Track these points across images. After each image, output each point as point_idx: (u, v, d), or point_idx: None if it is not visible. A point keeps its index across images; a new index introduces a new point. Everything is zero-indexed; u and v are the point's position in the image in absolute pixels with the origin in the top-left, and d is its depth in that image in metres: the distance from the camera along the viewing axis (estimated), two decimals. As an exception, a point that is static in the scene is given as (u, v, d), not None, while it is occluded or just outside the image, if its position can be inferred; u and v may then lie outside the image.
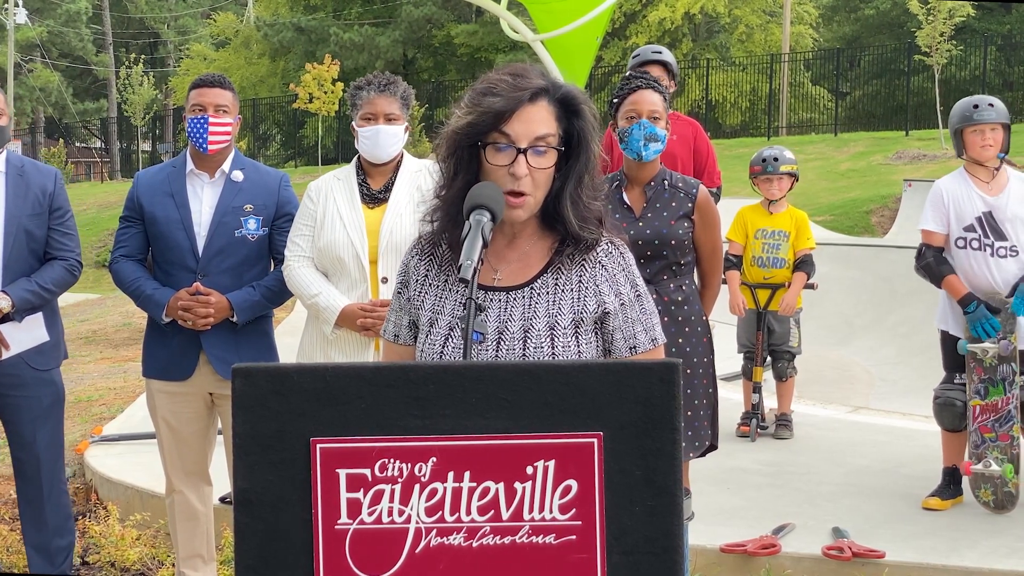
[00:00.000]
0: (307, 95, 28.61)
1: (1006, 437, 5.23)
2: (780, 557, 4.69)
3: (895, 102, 31.39)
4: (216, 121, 4.13)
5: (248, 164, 4.31)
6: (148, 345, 4.30)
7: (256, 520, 1.72)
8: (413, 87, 4.20)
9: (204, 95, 4.17)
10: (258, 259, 4.22)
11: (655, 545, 1.72)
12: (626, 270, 2.39)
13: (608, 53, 33.97)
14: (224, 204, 4.17)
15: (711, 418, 4.14)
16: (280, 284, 4.18)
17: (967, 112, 5.28)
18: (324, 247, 3.98)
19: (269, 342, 4.33)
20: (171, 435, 4.27)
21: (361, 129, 4.00)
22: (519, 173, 2.24)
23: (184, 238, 4.15)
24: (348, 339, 3.96)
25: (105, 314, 12.79)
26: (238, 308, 4.12)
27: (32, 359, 4.31)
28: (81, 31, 49.15)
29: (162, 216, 4.18)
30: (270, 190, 4.25)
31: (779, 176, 6.87)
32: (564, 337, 2.29)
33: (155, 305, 4.16)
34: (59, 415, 4.45)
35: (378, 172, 4.05)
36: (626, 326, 2.38)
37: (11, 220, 4.22)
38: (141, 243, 4.26)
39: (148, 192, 4.24)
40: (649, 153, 4.06)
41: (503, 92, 2.26)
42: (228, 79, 4.32)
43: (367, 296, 3.93)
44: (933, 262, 5.33)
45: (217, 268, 4.14)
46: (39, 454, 4.35)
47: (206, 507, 4.35)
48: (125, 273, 4.24)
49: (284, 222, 4.23)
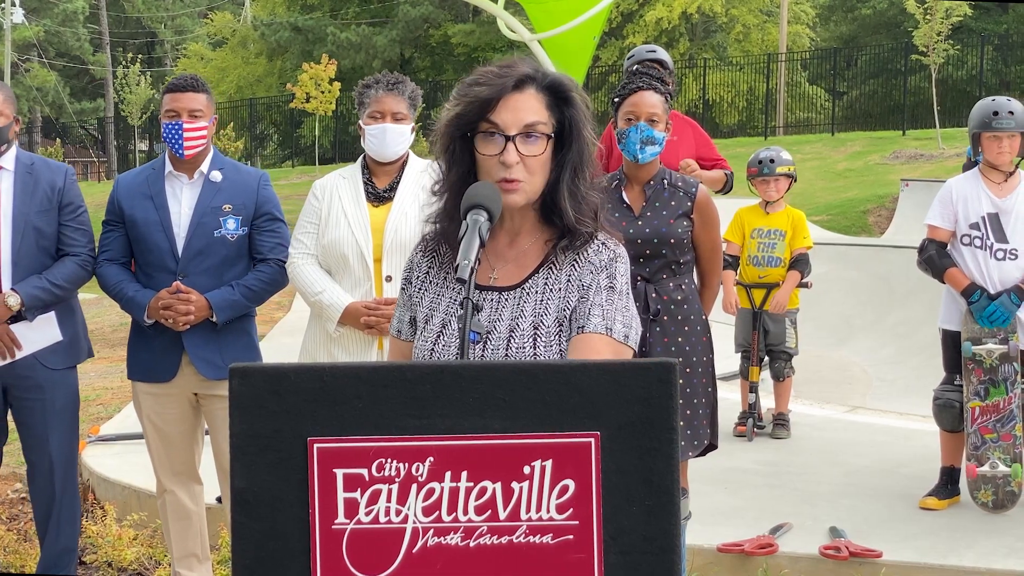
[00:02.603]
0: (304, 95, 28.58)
1: (1008, 437, 5.24)
2: (777, 557, 4.69)
3: (892, 102, 31.41)
4: (190, 126, 4.12)
5: (227, 164, 4.31)
6: (132, 347, 4.31)
7: (253, 520, 1.72)
8: (410, 87, 4.20)
9: (177, 100, 4.14)
10: (238, 259, 4.22)
11: (653, 545, 1.72)
12: (609, 265, 2.32)
13: (605, 52, 33.98)
14: (203, 205, 4.17)
15: (710, 417, 4.14)
16: (260, 283, 4.20)
17: (987, 119, 5.30)
18: (328, 245, 3.99)
19: (251, 341, 4.34)
20: (158, 436, 4.29)
21: (368, 127, 4.01)
22: (509, 161, 2.24)
23: (164, 239, 4.15)
24: (352, 337, 3.96)
25: (102, 314, 12.79)
26: (217, 307, 4.12)
27: (46, 358, 4.28)
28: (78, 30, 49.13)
29: (141, 218, 4.18)
30: (249, 190, 4.24)
31: (776, 178, 6.88)
32: (547, 337, 2.28)
33: (137, 307, 4.16)
34: (74, 416, 4.41)
35: (383, 171, 4.06)
36: (582, 306, 2.28)
37: (19, 217, 4.20)
38: (124, 246, 4.26)
39: (127, 195, 4.24)
40: (645, 156, 4.07)
41: (488, 81, 2.26)
42: (201, 80, 4.28)
43: (371, 294, 3.93)
44: (935, 255, 5.35)
45: (197, 269, 4.14)
46: (52, 455, 4.32)
47: (198, 506, 4.35)
48: (108, 277, 4.24)
49: (263, 221, 4.24)
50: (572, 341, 2.27)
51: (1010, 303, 5.18)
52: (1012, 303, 5.18)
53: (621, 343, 2.27)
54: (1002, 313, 5.18)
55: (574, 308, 2.29)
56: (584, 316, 2.27)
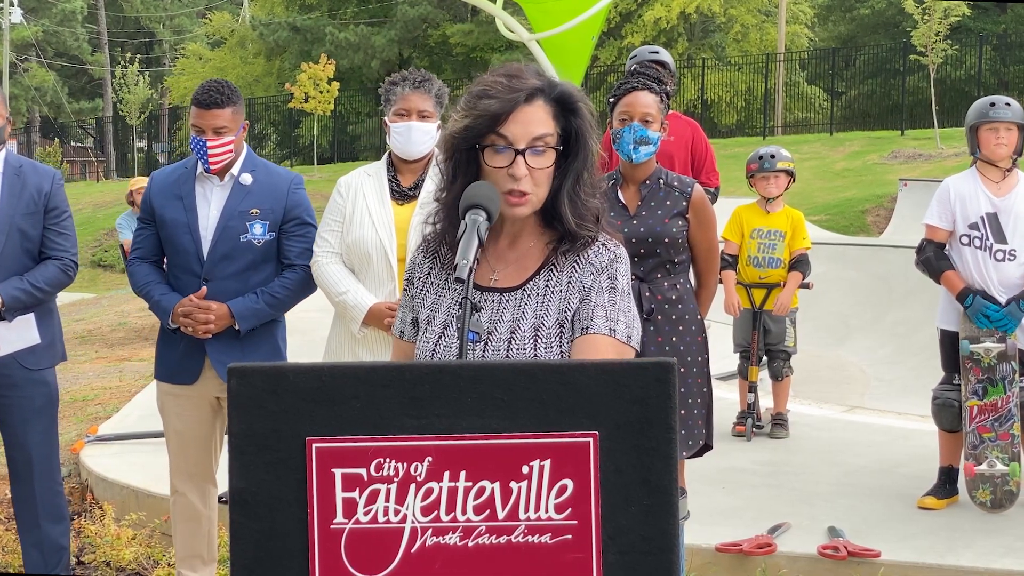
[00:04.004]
0: (303, 94, 28.60)
1: (1006, 436, 5.24)
2: (776, 556, 4.69)
3: (891, 102, 31.41)
4: (215, 143, 4.05)
5: (259, 165, 4.24)
6: (159, 348, 4.30)
7: (252, 520, 1.72)
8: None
9: (202, 117, 4.06)
10: (264, 264, 4.16)
11: (651, 545, 1.72)
12: (610, 266, 2.32)
13: (604, 52, 33.97)
14: (230, 208, 4.12)
15: (705, 417, 4.14)
16: (285, 290, 4.14)
17: (984, 109, 5.30)
18: (352, 243, 3.97)
19: (276, 346, 4.27)
20: (176, 437, 4.27)
21: (394, 125, 3.98)
22: (518, 174, 2.24)
23: (190, 242, 4.11)
24: (376, 338, 3.95)
25: (101, 314, 12.79)
26: (239, 316, 4.08)
27: (24, 359, 4.30)
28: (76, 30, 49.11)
29: (170, 219, 4.14)
30: (279, 193, 4.17)
31: (776, 174, 6.88)
32: (547, 339, 2.29)
33: (162, 311, 4.15)
34: (52, 415, 4.44)
35: (409, 169, 4.04)
36: (584, 308, 2.29)
37: (4, 219, 4.21)
38: (155, 245, 4.23)
39: (160, 194, 4.20)
40: (639, 156, 4.07)
41: (498, 94, 2.25)
42: (228, 91, 4.11)
43: (395, 294, 3.91)
44: (933, 257, 5.35)
45: (222, 273, 4.10)
46: (31, 454, 4.35)
47: (209, 509, 4.33)
48: (138, 276, 4.23)
49: (292, 226, 4.17)
50: (576, 342, 2.28)
51: (1018, 311, 5.17)
52: (1020, 311, 5.17)
53: (624, 344, 2.28)
54: (1009, 322, 5.18)
55: (576, 310, 2.30)
56: (588, 317, 2.28)
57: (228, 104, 4.08)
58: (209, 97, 4.06)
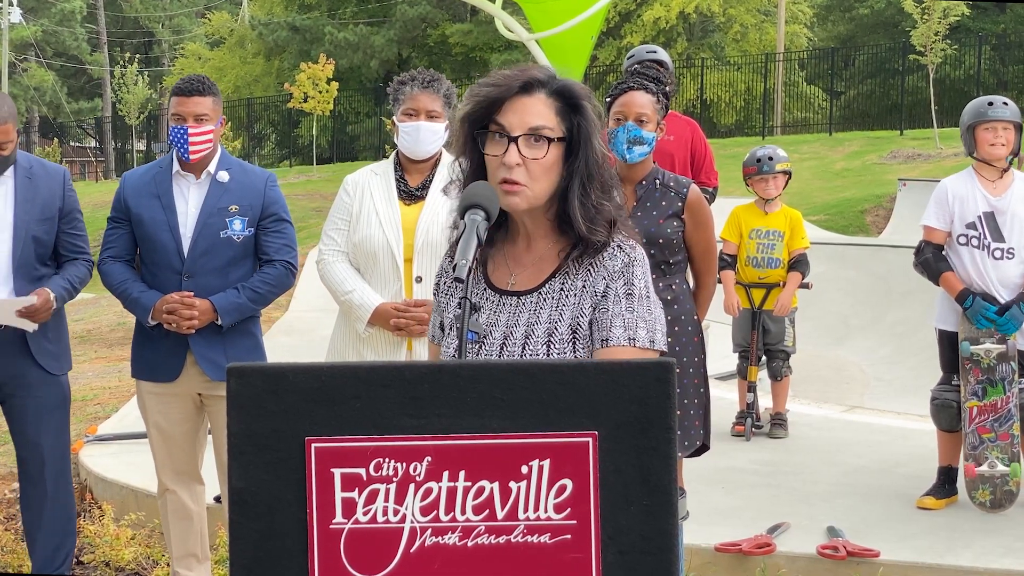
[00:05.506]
0: (302, 94, 28.57)
1: (1006, 436, 5.24)
2: (775, 556, 4.69)
3: (890, 101, 31.41)
4: (196, 131, 4.09)
5: (234, 164, 4.30)
6: (136, 346, 4.33)
7: (251, 520, 1.72)
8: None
9: (183, 104, 4.12)
10: (244, 259, 4.22)
11: (650, 544, 1.72)
12: (625, 270, 2.30)
13: (603, 52, 33.95)
14: (209, 205, 4.17)
15: (702, 418, 4.13)
16: (266, 286, 4.19)
17: (981, 109, 5.30)
18: (359, 243, 3.97)
19: (256, 342, 4.33)
20: (160, 435, 4.29)
21: (402, 124, 3.98)
22: (509, 162, 2.25)
23: (170, 239, 4.15)
24: (381, 338, 3.94)
25: (100, 314, 12.78)
26: (222, 311, 4.12)
27: (45, 362, 4.34)
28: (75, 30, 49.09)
29: (148, 217, 4.18)
30: (256, 190, 4.23)
31: (774, 175, 6.88)
32: (560, 343, 2.29)
33: (141, 309, 4.17)
34: (65, 417, 4.47)
35: (416, 169, 4.04)
36: (602, 318, 2.28)
37: (20, 226, 4.25)
38: (129, 244, 4.26)
39: (134, 193, 4.24)
40: (633, 156, 4.06)
41: (498, 83, 2.29)
42: (209, 82, 4.24)
43: (400, 295, 3.91)
44: (931, 258, 5.35)
45: (203, 269, 4.14)
46: (44, 455, 4.37)
47: (199, 506, 4.35)
48: (113, 275, 4.25)
49: (270, 222, 4.23)
50: (596, 355, 2.27)
51: (1020, 313, 5.17)
52: (1021, 313, 5.17)
53: (647, 350, 2.27)
54: (1012, 326, 5.17)
55: (593, 319, 2.29)
56: (606, 328, 2.27)
57: (209, 93, 4.17)
58: (190, 85, 4.16)
